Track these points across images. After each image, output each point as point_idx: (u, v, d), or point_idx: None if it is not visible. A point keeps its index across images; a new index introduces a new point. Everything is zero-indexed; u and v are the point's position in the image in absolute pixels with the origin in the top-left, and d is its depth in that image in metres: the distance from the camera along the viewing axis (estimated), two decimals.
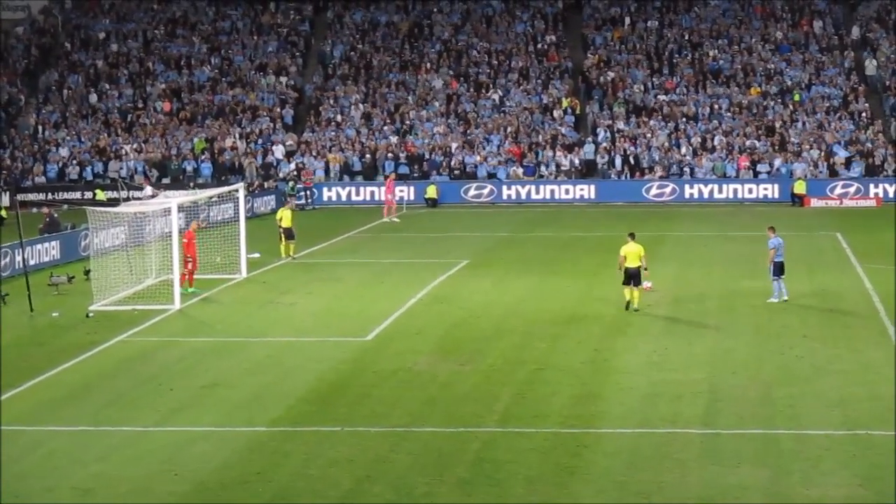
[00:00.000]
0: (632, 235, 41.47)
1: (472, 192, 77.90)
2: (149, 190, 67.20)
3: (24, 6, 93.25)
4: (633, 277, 40.49)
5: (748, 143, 79.94)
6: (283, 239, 54.25)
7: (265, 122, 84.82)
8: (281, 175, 79.58)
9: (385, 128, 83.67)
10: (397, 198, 72.01)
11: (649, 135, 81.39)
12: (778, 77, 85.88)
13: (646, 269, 41.06)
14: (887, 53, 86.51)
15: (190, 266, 46.82)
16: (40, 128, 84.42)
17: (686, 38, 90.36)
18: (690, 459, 25.98)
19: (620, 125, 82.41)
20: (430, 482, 24.80)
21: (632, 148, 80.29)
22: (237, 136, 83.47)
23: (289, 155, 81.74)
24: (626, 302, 40.81)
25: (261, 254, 53.16)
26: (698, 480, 24.69)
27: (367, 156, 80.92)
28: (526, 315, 41.31)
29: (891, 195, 74.80)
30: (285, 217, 54.62)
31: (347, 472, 25.48)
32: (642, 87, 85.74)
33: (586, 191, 77.72)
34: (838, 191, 75.05)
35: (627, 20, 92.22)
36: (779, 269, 42.45)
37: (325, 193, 78.24)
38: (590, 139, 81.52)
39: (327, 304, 44.17)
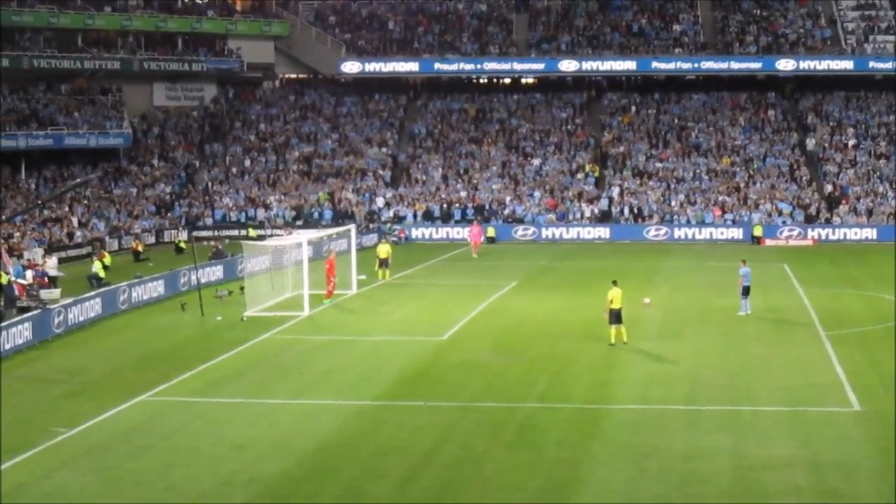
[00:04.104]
0: (615, 282, 36.85)
1: (520, 233, 77.66)
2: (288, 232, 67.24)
3: (200, 97, 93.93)
4: (617, 316, 35.87)
5: (720, 198, 79.45)
6: (379, 266, 54.53)
7: (370, 181, 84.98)
8: (382, 219, 79.76)
9: (457, 185, 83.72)
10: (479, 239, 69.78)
11: (648, 192, 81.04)
12: (742, 151, 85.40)
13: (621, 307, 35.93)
14: (820, 135, 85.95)
15: (332, 284, 46.97)
16: (209, 184, 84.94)
17: (676, 122, 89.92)
18: (676, 428, 25.95)
19: (628, 185, 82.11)
20: (487, 442, 24.88)
21: (636, 201, 79.93)
22: (350, 190, 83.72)
23: (387, 204, 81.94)
24: (612, 342, 35.59)
25: (366, 276, 53.35)
26: (682, 443, 24.65)
27: (444, 206, 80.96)
28: (558, 323, 41.28)
29: (823, 237, 74.15)
30: (382, 251, 55.23)
31: (427, 434, 25.60)
32: (644, 157, 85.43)
33: (602, 232, 77.23)
34: (785, 233, 74.43)
35: (633, 108, 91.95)
36: (745, 291, 42.25)
37: (414, 233, 78.22)
38: (605, 195, 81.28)
39: (414, 313, 44.28)
